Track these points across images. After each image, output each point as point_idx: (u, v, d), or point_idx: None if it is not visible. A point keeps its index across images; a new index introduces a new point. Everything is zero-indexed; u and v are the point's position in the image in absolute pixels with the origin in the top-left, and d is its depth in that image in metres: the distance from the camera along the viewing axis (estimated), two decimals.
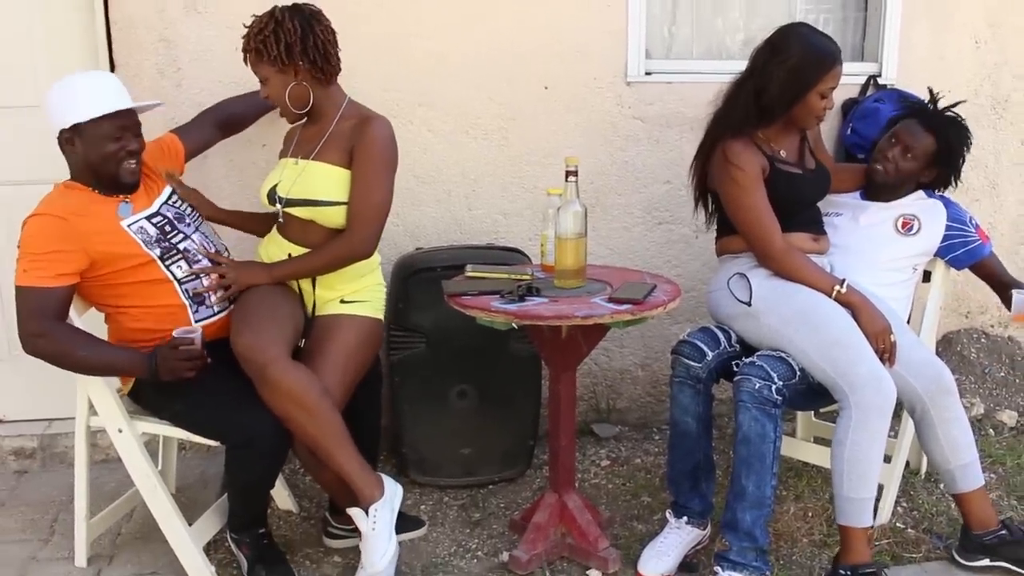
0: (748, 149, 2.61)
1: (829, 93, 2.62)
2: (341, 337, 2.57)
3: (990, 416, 3.63)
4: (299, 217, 2.60)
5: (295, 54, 2.53)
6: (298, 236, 2.63)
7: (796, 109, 2.62)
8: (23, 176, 3.13)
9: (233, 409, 2.43)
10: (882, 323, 2.53)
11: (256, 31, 2.55)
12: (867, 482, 2.48)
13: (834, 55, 2.60)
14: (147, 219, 2.55)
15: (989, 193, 3.80)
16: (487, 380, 3.14)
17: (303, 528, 2.97)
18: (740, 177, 2.59)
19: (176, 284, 2.52)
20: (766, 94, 2.60)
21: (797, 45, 2.59)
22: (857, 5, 3.75)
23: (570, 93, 3.44)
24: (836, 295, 2.55)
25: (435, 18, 3.31)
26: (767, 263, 2.63)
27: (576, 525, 2.70)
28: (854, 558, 2.52)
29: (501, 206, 3.48)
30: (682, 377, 2.67)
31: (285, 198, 2.59)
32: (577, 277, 2.60)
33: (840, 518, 2.54)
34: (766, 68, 2.60)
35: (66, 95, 2.46)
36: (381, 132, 2.57)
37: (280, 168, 2.68)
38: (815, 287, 2.57)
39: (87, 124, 2.43)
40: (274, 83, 2.57)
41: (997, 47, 3.69)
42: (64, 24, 3.20)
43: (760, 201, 2.60)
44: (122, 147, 2.47)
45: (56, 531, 2.94)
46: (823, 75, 2.58)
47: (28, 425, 3.44)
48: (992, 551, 2.66)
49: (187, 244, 2.59)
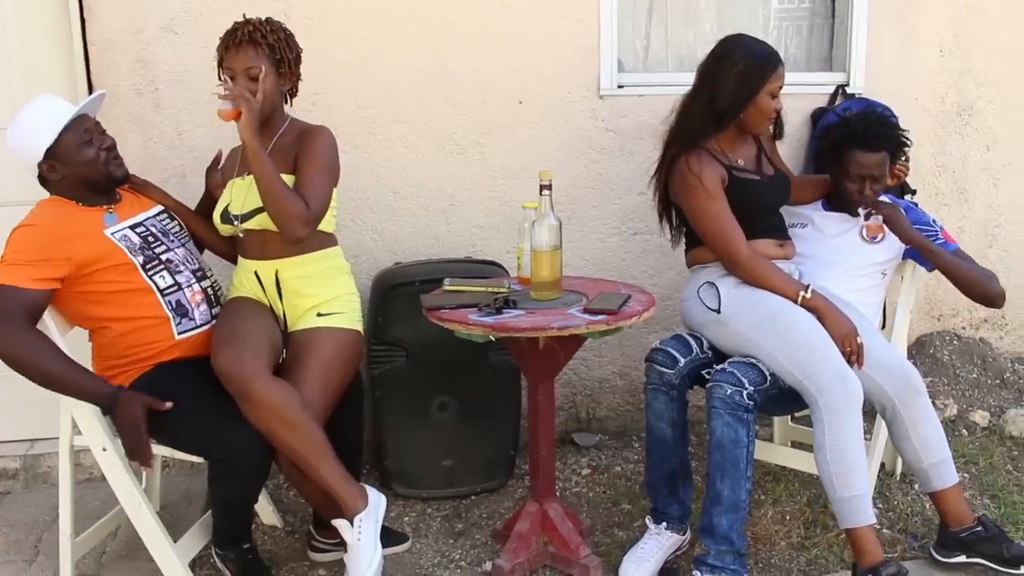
0: (706, 160, 2.67)
1: (777, 92, 2.70)
2: (319, 350, 2.59)
3: (963, 417, 3.69)
4: (255, 230, 2.62)
5: (297, 67, 2.68)
6: (258, 251, 2.67)
7: (748, 112, 2.68)
8: (6, 198, 3.14)
9: (215, 424, 2.44)
10: (847, 326, 2.58)
11: (270, 28, 2.60)
12: (855, 478, 2.51)
13: (776, 56, 2.70)
14: (131, 228, 2.58)
15: (957, 198, 3.87)
16: (467, 392, 3.17)
17: (288, 542, 2.99)
18: (701, 188, 2.64)
19: (158, 294, 2.54)
20: (719, 101, 2.67)
21: (741, 51, 2.68)
22: (825, 17, 3.82)
23: (544, 107, 3.49)
24: (801, 300, 2.60)
25: (409, 36, 3.35)
26: (734, 270, 2.67)
27: (557, 533, 2.73)
28: (869, 559, 2.53)
29: (478, 220, 3.52)
30: (656, 384, 2.71)
31: (240, 214, 2.62)
32: (553, 289, 2.64)
33: (842, 522, 2.56)
34: (717, 76, 2.67)
35: (22, 134, 2.51)
36: (325, 136, 2.65)
37: (228, 189, 2.71)
38: (781, 293, 2.61)
39: (55, 146, 2.48)
40: (269, 82, 2.59)
41: (961, 56, 3.76)
42: (41, 45, 3.22)
43: (723, 211, 2.65)
44: (97, 148, 2.54)
45: (40, 551, 2.95)
46: (770, 74, 2.66)
47: (11, 446, 3.44)
48: (968, 547, 2.70)
49: (170, 255, 2.61)
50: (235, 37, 2.59)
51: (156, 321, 2.54)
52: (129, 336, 2.54)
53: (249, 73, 2.57)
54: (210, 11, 3.17)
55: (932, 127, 3.78)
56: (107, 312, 2.52)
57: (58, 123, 2.49)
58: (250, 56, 2.58)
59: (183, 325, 2.57)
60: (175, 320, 2.56)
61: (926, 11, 3.70)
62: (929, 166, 3.80)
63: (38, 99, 2.56)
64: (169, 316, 2.55)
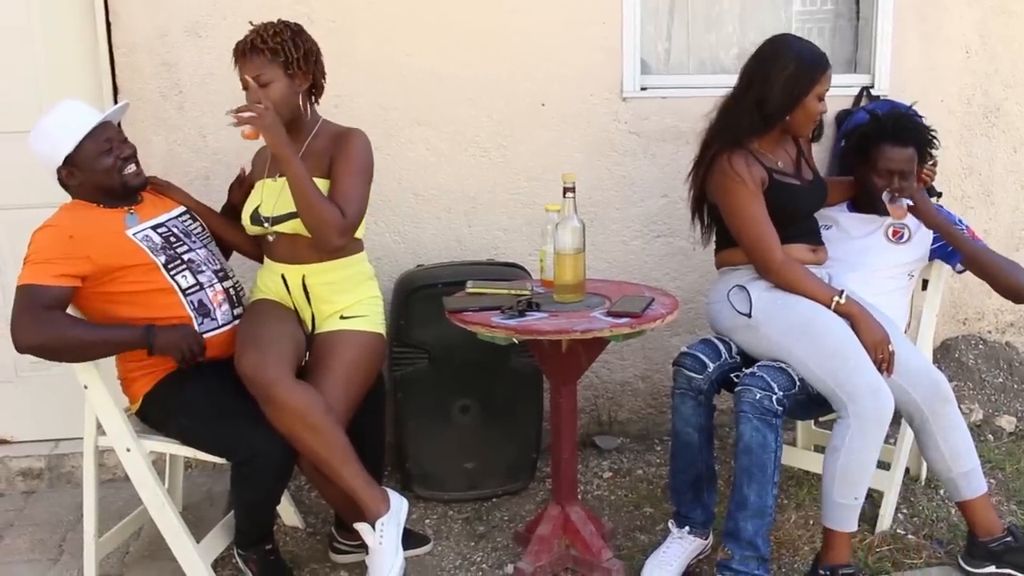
0: (749, 160, 2.65)
1: (824, 95, 2.68)
2: (343, 354, 2.59)
3: (989, 422, 3.66)
4: (285, 233, 2.62)
5: (310, 62, 2.61)
6: (287, 255, 2.66)
7: (796, 114, 2.66)
8: (30, 200, 3.17)
9: (238, 426, 2.46)
10: (880, 333, 2.55)
11: (272, 32, 2.57)
12: (857, 489, 2.52)
13: (826, 59, 2.67)
14: (152, 228, 2.60)
15: (983, 201, 3.84)
16: (489, 395, 3.17)
17: (309, 544, 3.00)
18: (741, 188, 2.62)
19: (180, 294, 2.55)
20: (769, 103, 2.64)
21: (791, 53, 2.65)
22: (849, 18, 3.80)
23: (567, 110, 3.48)
24: (835, 306, 2.58)
25: (432, 38, 3.35)
26: (767, 275, 2.65)
27: (579, 537, 2.72)
28: (835, 559, 2.57)
29: (500, 222, 3.52)
30: (683, 388, 2.69)
31: (270, 216, 2.63)
32: (576, 292, 2.63)
33: (826, 521, 2.58)
34: (767, 78, 2.65)
35: (44, 140, 2.53)
36: (361, 140, 2.63)
37: (259, 190, 2.70)
38: (814, 298, 2.59)
39: (74, 153, 2.50)
40: (278, 87, 2.57)
41: (988, 57, 3.73)
42: (68, 49, 3.25)
43: (760, 213, 2.63)
44: (115, 156, 2.54)
45: (65, 551, 2.97)
46: (819, 77, 2.64)
47: (35, 446, 3.47)
48: (998, 558, 2.67)
49: (192, 256, 2.62)
50: (240, 47, 2.60)
51: (178, 321, 2.54)
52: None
53: (258, 81, 2.56)
54: (234, 14, 3.18)
55: (958, 129, 3.75)
56: (129, 312, 2.52)
57: (79, 131, 2.50)
58: (255, 64, 2.56)
59: (205, 325, 2.58)
60: (197, 320, 2.56)
61: (951, 12, 3.68)
62: (955, 168, 3.77)
63: (62, 105, 2.58)
64: (191, 316, 2.55)
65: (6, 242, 3.30)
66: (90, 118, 2.54)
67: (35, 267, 2.41)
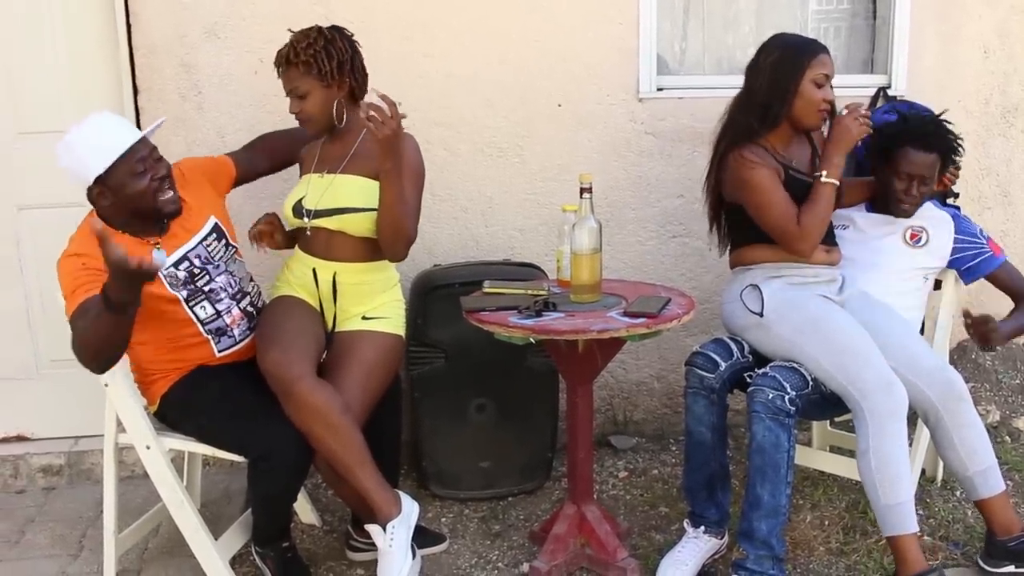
0: (761, 152, 2.65)
1: (824, 81, 2.66)
2: (362, 354, 2.61)
3: (1006, 423, 3.64)
4: (326, 228, 2.64)
5: (345, 71, 2.62)
6: (322, 250, 2.68)
7: (796, 103, 2.65)
8: (52, 200, 3.22)
9: (255, 423, 2.48)
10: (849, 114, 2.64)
11: (305, 45, 2.59)
12: (900, 486, 2.49)
13: (816, 44, 2.67)
14: (174, 266, 2.54)
15: (1001, 201, 3.82)
16: (505, 394, 3.18)
17: (326, 541, 3.02)
18: (758, 170, 2.62)
19: (199, 324, 2.56)
20: (761, 92, 2.65)
21: (778, 42, 2.69)
22: (866, 17, 3.79)
23: (583, 110, 3.49)
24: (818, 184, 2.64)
25: (449, 40, 3.37)
26: (796, 244, 2.62)
27: (595, 536, 2.73)
28: (911, 568, 2.51)
29: (517, 222, 3.53)
30: (696, 388, 2.70)
31: (313, 210, 2.64)
32: (593, 292, 2.64)
33: (886, 530, 2.54)
34: (755, 69, 2.68)
35: (75, 155, 2.42)
36: (411, 146, 2.65)
37: (304, 183, 2.72)
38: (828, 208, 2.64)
39: (106, 173, 2.41)
40: (316, 98, 2.61)
41: (1006, 56, 3.71)
42: (89, 50, 3.28)
43: (780, 189, 2.62)
44: (151, 178, 2.45)
45: (85, 546, 3.00)
46: (809, 60, 2.63)
47: (56, 443, 3.50)
48: (1017, 557, 2.66)
49: (212, 285, 2.60)
50: (278, 61, 2.64)
51: (196, 342, 2.57)
52: (169, 352, 2.57)
53: (295, 93, 2.62)
54: (252, 16, 3.20)
55: (976, 129, 3.74)
56: (147, 336, 2.52)
57: (115, 149, 2.40)
58: (292, 77, 2.61)
59: (223, 343, 2.61)
60: (215, 340, 2.60)
61: (970, 12, 3.66)
62: (973, 169, 3.75)
63: (93, 120, 2.45)
64: (208, 339, 2.58)
65: (29, 241, 3.33)
66: (123, 136, 2.43)
67: (71, 298, 2.36)
